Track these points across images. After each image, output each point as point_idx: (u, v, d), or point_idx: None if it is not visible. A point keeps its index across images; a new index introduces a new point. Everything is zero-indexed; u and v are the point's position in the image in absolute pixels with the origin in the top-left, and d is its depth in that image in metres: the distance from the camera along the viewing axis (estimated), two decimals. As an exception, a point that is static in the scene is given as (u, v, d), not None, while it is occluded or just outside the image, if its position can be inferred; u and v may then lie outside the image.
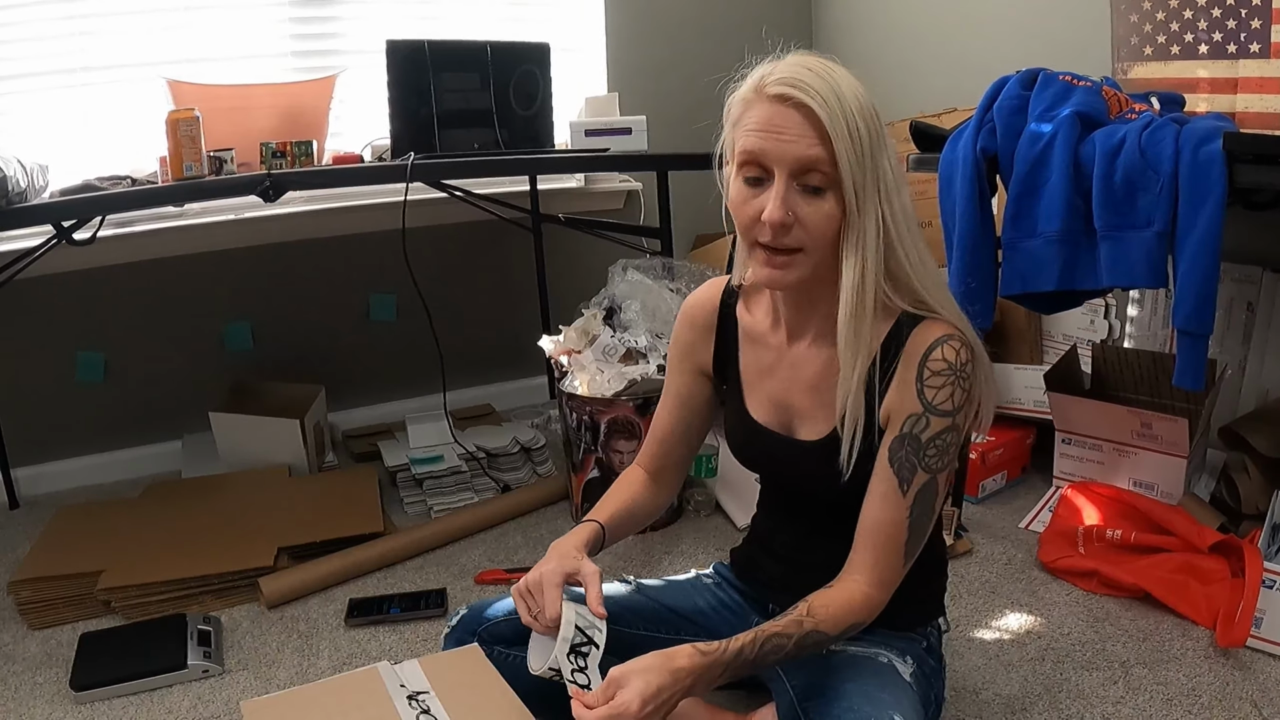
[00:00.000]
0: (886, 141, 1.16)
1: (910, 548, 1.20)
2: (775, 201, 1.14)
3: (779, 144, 1.14)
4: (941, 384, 1.17)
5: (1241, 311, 2.19)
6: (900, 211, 1.17)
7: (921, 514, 1.20)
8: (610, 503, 1.44)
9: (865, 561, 1.21)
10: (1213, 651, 1.61)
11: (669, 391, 1.47)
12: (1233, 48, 2.02)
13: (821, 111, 1.11)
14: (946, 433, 1.17)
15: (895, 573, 1.21)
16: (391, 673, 1.31)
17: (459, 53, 2.30)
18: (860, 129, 1.13)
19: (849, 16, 3.17)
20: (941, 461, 1.18)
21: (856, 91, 1.14)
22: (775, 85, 1.14)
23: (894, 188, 1.17)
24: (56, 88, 2.39)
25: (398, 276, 2.43)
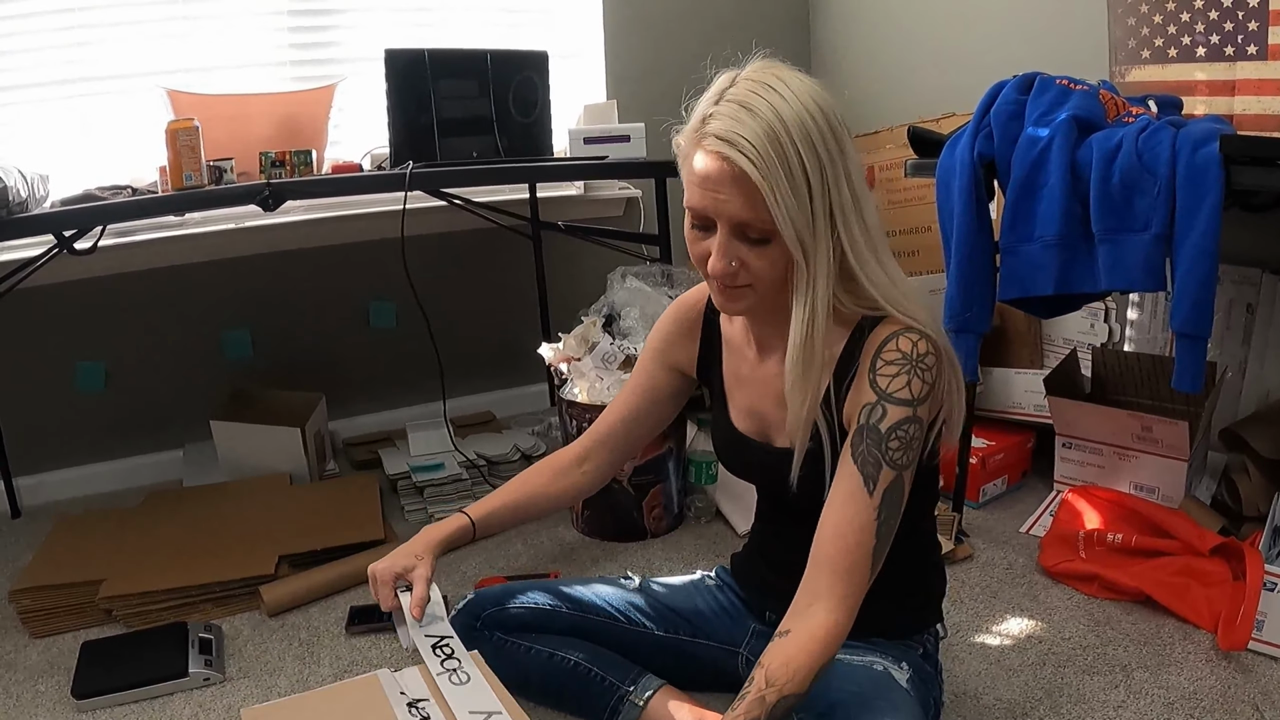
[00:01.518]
0: (846, 162, 1.14)
1: (877, 556, 1.14)
2: (717, 253, 1.15)
3: (716, 202, 1.13)
4: (896, 372, 1.15)
5: (1241, 313, 2.19)
6: (861, 235, 1.15)
7: (889, 516, 1.14)
8: (503, 493, 1.50)
9: (825, 584, 1.14)
10: (1214, 655, 1.61)
11: (632, 380, 1.49)
12: (1230, 50, 2.02)
13: (756, 174, 1.09)
14: (907, 423, 1.14)
15: (860, 588, 1.14)
16: (391, 680, 1.31)
17: (458, 61, 2.31)
18: (805, 170, 1.10)
19: (846, 23, 3.18)
20: (905, 456, 1.14)
21: (804, 119, 1.11)
22: (711, 141, 1.12)
23: (853, 212, 1.14)
24: (57, 98, 2.40)
25: (397, 284, 2.43)
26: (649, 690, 1.38)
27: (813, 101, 1.12)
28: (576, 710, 1.42)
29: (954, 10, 2.78)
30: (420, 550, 1.39)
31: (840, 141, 1.13)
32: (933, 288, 2.38)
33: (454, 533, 1.44)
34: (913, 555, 1.33)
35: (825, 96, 1.15)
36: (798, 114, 1.11)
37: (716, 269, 1.16)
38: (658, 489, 2.13)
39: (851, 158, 1.15)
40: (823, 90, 1.15)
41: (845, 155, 1.14)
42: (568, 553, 2.10)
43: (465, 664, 1.32)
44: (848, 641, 1.30)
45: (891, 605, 1.31)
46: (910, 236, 2.81)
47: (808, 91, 1.13)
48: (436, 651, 1.33)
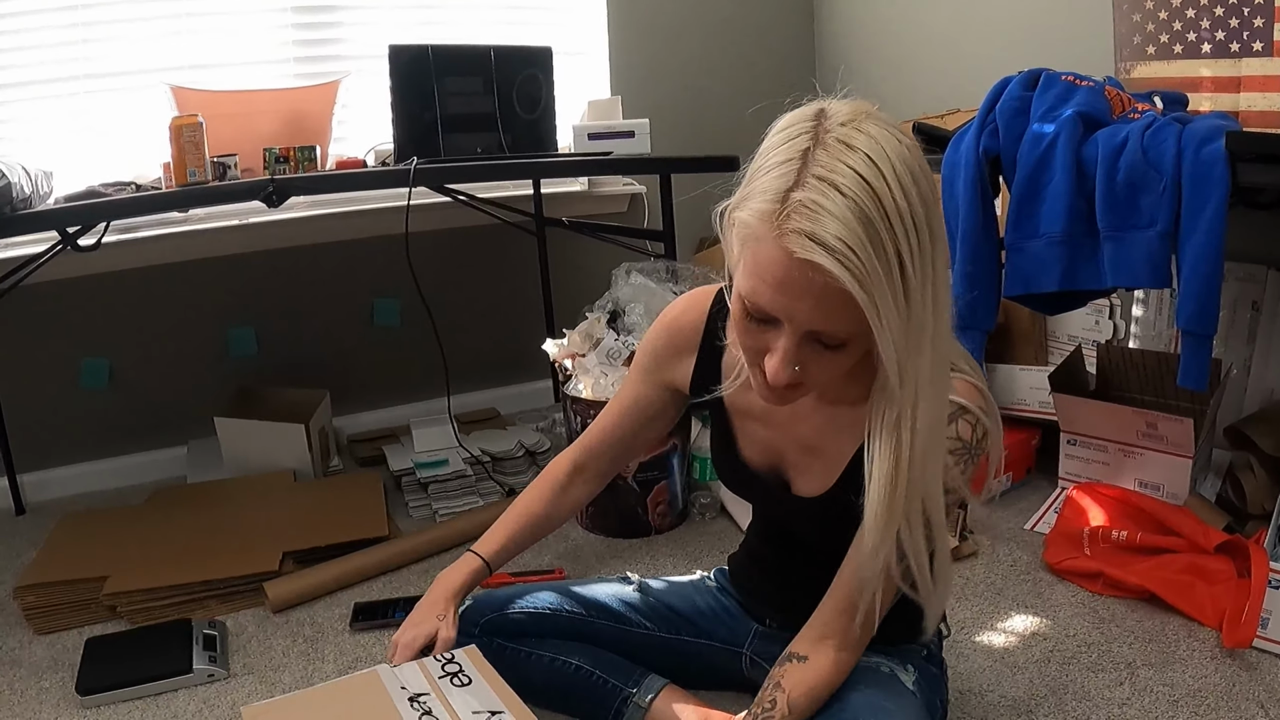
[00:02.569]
0: (938, 233, 0.95)
1: (887, 603, 1.13)
2: (780, 359, 0.98)
3: (793, 310, 0.95)
4: (954, 462, 1.08)
5: (1246, 311, 2.18)
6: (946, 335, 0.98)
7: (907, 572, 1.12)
8: (506, 524, 1.46)
9: (843, 625, 1.14)
10: (1219, 652, 1.60)
11: (621, 395, 1.41)
12: (1236, 46, 2.02)
13: (859, 291, 0.90)
14: (951, 506, 1.13)
15: (870, 632, 1.16)
16: (392, 675, 1.31)
17: (462, 57, 2.31)
18: (908, 266, 0.91)
19: (850, 18, 3.17)
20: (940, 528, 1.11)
21: (905, 194, 0.90)
22: (796, 240, 0.90)
23: (942, 309, 0.96)
24: (61, 94, 2.40)
25: (401, 281, 2.43)
26: (652, 691, 1.37)
27: (910, 177, 0.92)
28: (581, 714, 1.42)
29: (959, 6, 2.77)
30: (441, 608, 1.36)
31: (934, 206, 0.95)
32: (937, 284, 2.37)
33: (469, 578, 1.40)
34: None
35: (919, 158, 0.95)
36: (898, 185, 0.91)
37: (778, 378, 0.98)
38: (662, 486, 2.13)
39: (941, 238, 0.96)
40: (915, 146, 0.96)
41: (938, 228, 0.95)
42: (572, 550, 2.10)
43: (466, 667, 1.31)
44: None
45: (895, 611, 1.31)
46: (915, 233, 2.81)
47: (906, 161, 0.93)
48: (436, 657, 1.34)
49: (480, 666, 1.32)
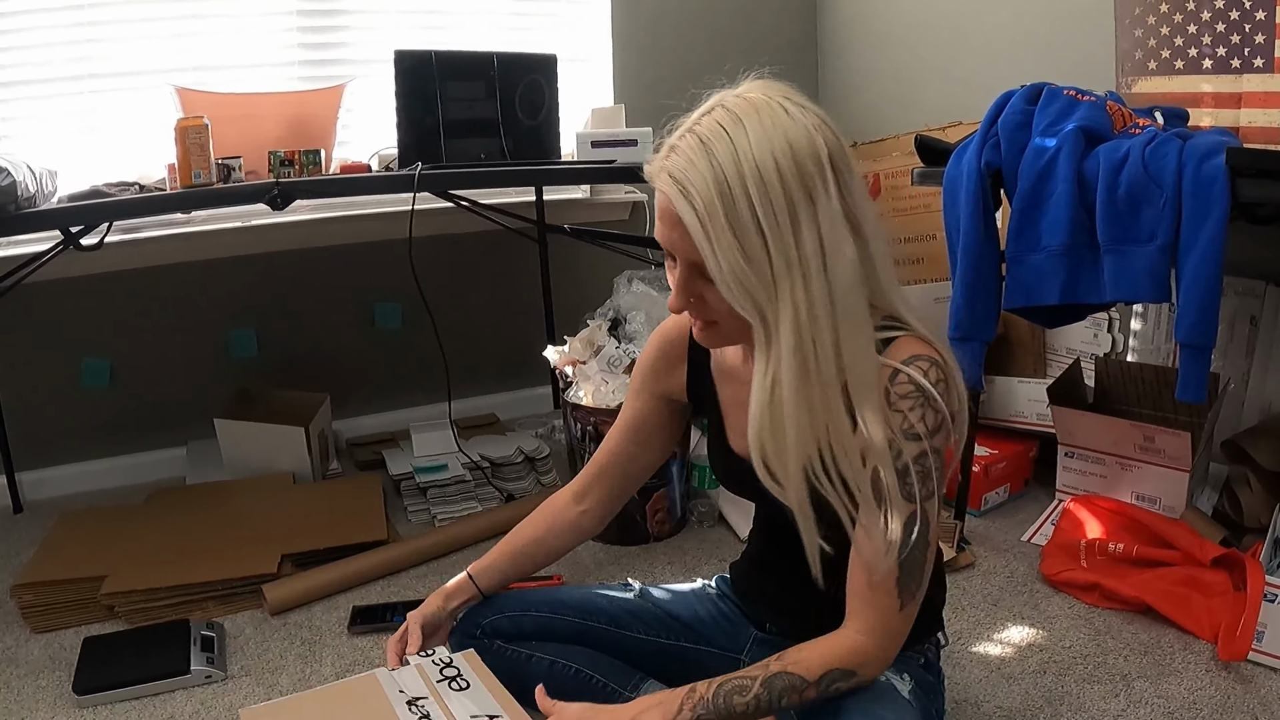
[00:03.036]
0: (815, 203, 1.03)
1: (904, 587, 1.13)
2: (675, 289, 1.12)
3: (670, 240, 1.09)
4: (910, 406, 1.10)
5: (1244, 325, 2.19)
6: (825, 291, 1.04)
7: (913, 545, 1.12)
8: (501, 546, 1.51)
9: (854, 608, 1.15)
10: (1214, 665, 1.61)
11: (622, 415, 1.45)
12: (1236, 62, 2.03)
13: (697, 226, 1.02)
14: (923, 457, 1.11)
15: (888, 616, 1.14)
16: (390, 678, 1.32)
17: (465, 63, 2.32)
18: (760, 225, 1.01)
19: (854, 30, 3.18)
20: (925, 489, 1.12)
21: (768, 165, 1.01)
22: (664, 179, 1.05)
23: (813, 264, 1.03)
24: (66, 94, 2.40)
25: (403, 285, 2.44)
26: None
27: (785, 143, 1.02)
28: None
29: (962, 20, 2.79)
30: (422, 607, 1.45)
31: (816, 179, 1.03)
32: (938, 296, 2.38)
33: (454, 589, 1.47)
34: None
35: (804, 136, 1.03)
36: (760, 160, 1.01)
37: (673, 304, 1.13)
38: (661, 493, 2.13)
39: (824, 201, 1.04)
40: (807, 128, 1.04)
41: (812, 200, 1.03)
42: (571, 557, 2.09)
43: (464, 671, 1.32)
44: None
45: None
46: (916, 245, 2.81)
47: (785, 131, 1.03)
48: (435, 660, 1.34)
49: (478, 670, 1.32)
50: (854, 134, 3.16)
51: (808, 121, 1.04)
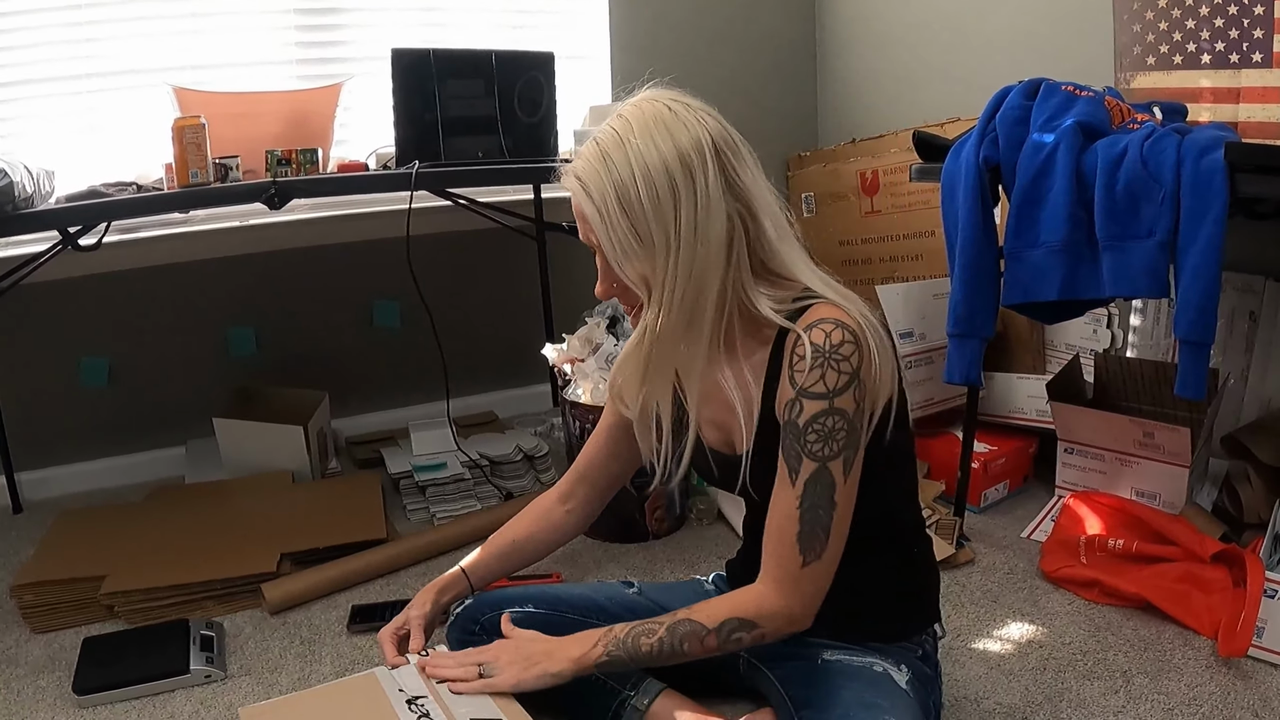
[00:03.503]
0: (694, 186, 1.15)
1: (806, 542, 1.17)
2: (599, 278, 1.26)
3: (583, 231, 1.23)
4: (809, 367, 1.15)
5: (1244, 321, 2.19)
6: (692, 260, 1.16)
7: (814, 504, 1.16)
8: (489, 544, 1.58)
9: (763, 563, 1.23)
10: (1214, 661, 1.61)
11: (601, 421, 1.53)
12: (1235, 57, 2.03)
13: (596, 218, 1.17)
14: (824, 416, 1.14)
15: (791, 570, 1.19)
16: (390, 677, 1.32)
17: (463, 61, 2.31)
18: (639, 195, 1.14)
19: (852, 27, 3.18)
20: (828, 448, 1.15)
21: (650, 152, 1.15)
22: (569, 178, 1.20)
23: (686, 237, 1.16)
24: (63, 94, 2.40)
25: (401, 283, 2.44)
26: (650, 694, 1.38)
27: (668, 136, 1.16)
28: (579, 715, 1.42)
29: (960, 16, 2.78)
30: (415, 603, 1.50)
31: (691, 172, 1.15)
32: (936, 292, 2.38)
33: (447, 582, 1.53)
34: (892, 549, 1.34)
35: (685, 129, 1.16)
36: (645, 152, 1.15)
37: (598, 291, 1.26)
38: (660, 491, 2.13)
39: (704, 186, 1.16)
40: (689, 122, 1.17)
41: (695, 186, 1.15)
42: (570, 554, 2.10)
43: None
44: (846, 644, 1.31)
45: (882, 605, 1.32)
46: (914, 241, 2.81)
47: (668, 126, 1.16)
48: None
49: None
50: (852, 130, 3.16)
51: (691, 117, 1.18)
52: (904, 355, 2.31)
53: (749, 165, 1.20)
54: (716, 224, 1.17)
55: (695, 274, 1.17)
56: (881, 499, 1.27)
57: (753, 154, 1.23)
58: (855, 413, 1.15)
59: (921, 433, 2.36)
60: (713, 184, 1.16)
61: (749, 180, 1.20)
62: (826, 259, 2.95)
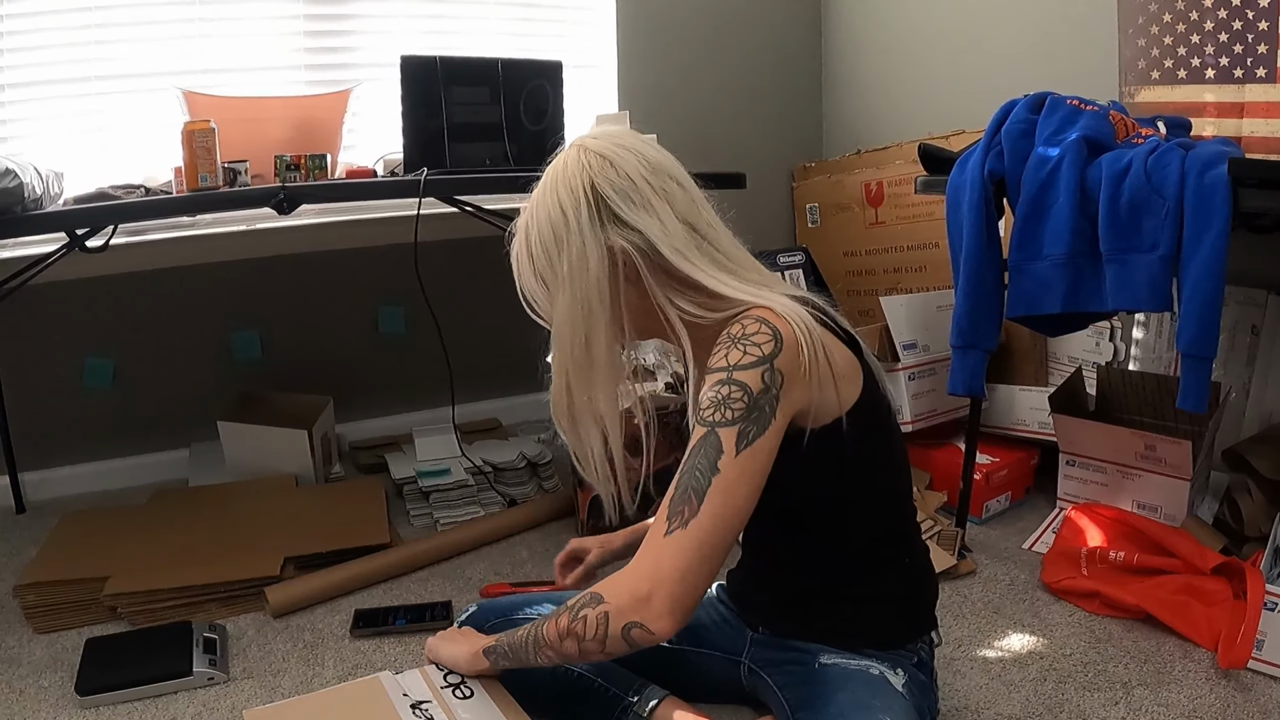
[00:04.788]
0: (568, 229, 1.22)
1: (674, 506, 1.13)
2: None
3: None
4: (719, 351, 1.17)
5: (1245, 335, 2.19)
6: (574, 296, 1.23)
7: (693, 468, 1.13)
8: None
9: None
10: (1214, 673, 1.61)
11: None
12: (1239, 72, 2.04)
13: (513, 260, 1.31)
14: (719, 385, 1.14)
15: (654, 541, 1.14)
16: (394, 682, 1.32)
17: (471, 68, 2.32)
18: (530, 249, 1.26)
19: (858, 38, 3.19)
20: (718, 413, 1.13)
21: (540, 204, 1.25)
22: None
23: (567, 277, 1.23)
24: (73, 96, 2.41)
25: (406, 289, 2.44)
26: (653, 700, 1.38)
27: (554, 188, 1.25)
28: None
29: (965, 29, 2.80)
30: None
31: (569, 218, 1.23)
32: (940, 304, 2.39)
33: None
34: (884, 558, 1.34)
35: (566, 179, 1.24)
36: (538, 204, 1.27)
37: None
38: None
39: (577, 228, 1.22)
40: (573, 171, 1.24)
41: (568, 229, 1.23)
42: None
43: (468, 678, 1.32)
44: (842, 649, 1.32)
45: (877, 613, 1.32)
46: (918, 253, 2.82)
47: (555, 178, 1.25)
48: (439, 665, 1.35)
49: (482, 678, 1.33)
50: (857, 141, 3.17)
51: (575, 165, 1.24)
52: (907, 366, 2.32)
53: (643, 199, 1.23)
54: (593, 262, 1.22)
55: (581, 309, 1.23)
56: (864, 506, 1.28)
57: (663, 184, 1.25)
58: (760, 392, 1.13)
59: (924, 444, 2.37)
60: (586, 227, 1.22)
61: (639, 217, 1.22)
62: (830, 270, 2.99)
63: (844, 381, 1.20)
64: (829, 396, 1.18)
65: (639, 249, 1.22)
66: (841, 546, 1.31)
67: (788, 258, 2.70)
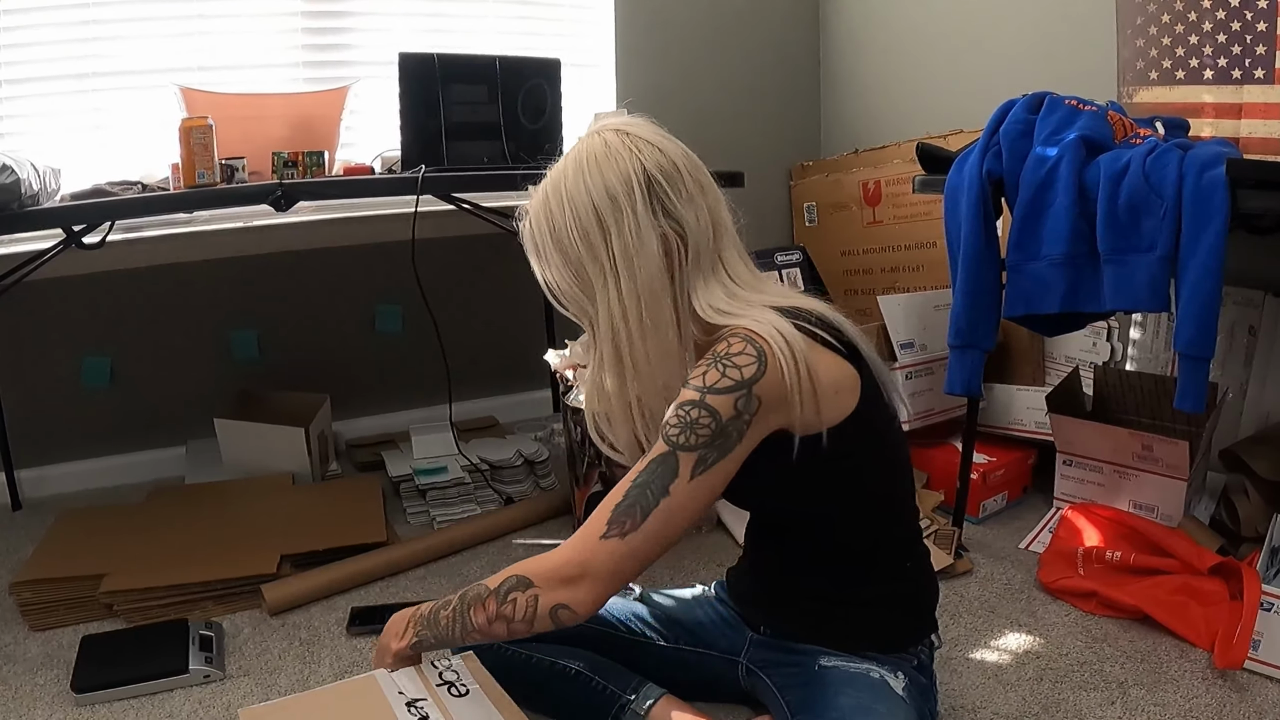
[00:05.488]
0: (621, 216, 1.19)
1: (618, 514, 1.14)
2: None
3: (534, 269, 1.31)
4: (700, 370, 1.16)
5: (1243, 335, 2.20)
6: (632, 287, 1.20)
7: (646, 483, 1.14)
8: None
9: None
10: (1210, 673, 1.61)
11: None
12: (1238, 73, 2.04)
13: (529, 248, 1.28)
14: (689, 406, 1.14)
15: (589, 537, 1.15)
16: (389, 680, 1.32)
17: (469, 66, 2.32)
18: (568, 234, 1.21)
19: (856, 37, 3.19)
20: (684, 436, 1.13)
21: (577, 186, 1.20)
22: (522, 220, 1.29)
23: (621, 265, 1.19)
24: (70, 92, 2.41)
25: (404, 288, 2.44)
26: (650, 699, 1.38)
27: (596, 169, 1.20)
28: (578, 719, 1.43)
29: (964, 29, 2.80)
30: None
31: (616, 203, 1.19)
32: (938, 303, 2.39)
33: None
34: (883, 562, 1.34)
35: (614, 161, 1.20)
36: (572, 187, 1.21)
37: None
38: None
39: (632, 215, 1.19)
40: (619, 154, 1.20)
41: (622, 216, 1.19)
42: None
43: (464, 676, 1.32)
44: (843, 652, 1.32)
45: (877, 616, 1.32)
46: (916, 252, 2.82)
47: (597, 158, 1.21)
48: (435, 664, 1.34)
49: (478, 675, 1.33)
50: (855, 141, 3.17)
51: (623, 148, 1.21)
52: (904, 366, 2.32)
53: (688, 191, 1.22)
54: (649, 247, 1.19)
55: (643, 293, 1.20)
56: (863, 512, 1.29)
57: (700, 177, 1.25)
58: (731, 419, 1.13)
59: (921, 443, 2.37)
60: (641, 212, 1.19)
61: (683, 208, 1.21)
62: (828, 269, 2.98)
63: (834, 397, 1.19)
64: (810, 415, 1.17)
65: (681, 240, 1.21)
66: (842, 550, 1.31)
67: (785, 256, 2.70)
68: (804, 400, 1.15)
